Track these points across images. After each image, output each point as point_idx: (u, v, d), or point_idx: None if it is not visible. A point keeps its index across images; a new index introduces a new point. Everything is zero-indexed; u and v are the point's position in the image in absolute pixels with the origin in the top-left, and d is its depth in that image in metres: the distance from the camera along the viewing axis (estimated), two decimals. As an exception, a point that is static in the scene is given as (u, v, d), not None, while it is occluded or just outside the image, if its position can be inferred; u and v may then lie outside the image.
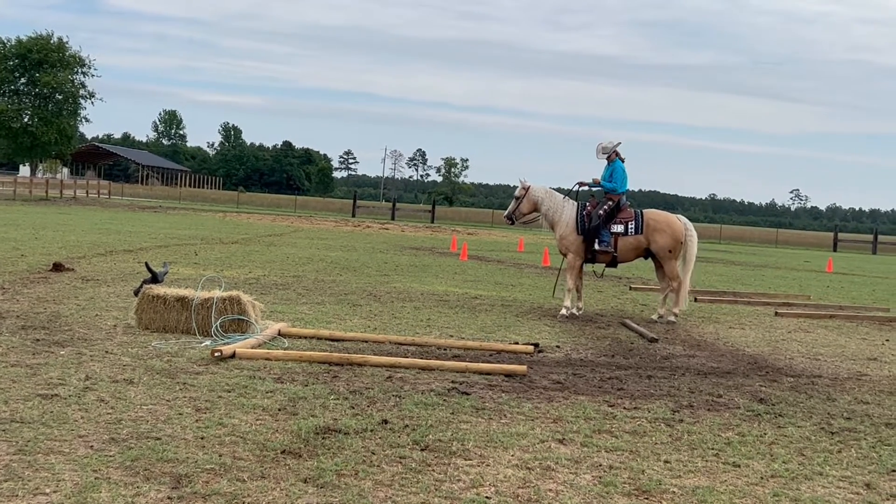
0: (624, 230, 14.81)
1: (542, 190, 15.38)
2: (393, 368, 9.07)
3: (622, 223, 14.82)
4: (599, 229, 14.71)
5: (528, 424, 7.19)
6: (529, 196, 15.26)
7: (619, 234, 14.81)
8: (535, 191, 15.29)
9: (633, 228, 14.81)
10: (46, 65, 77.07)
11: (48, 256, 18.06)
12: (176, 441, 6.08)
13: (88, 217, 38.54)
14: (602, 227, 14.73)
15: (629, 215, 14.89)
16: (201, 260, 20.28)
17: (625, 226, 14.81)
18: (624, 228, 14.81)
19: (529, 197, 15.26)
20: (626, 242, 14.84)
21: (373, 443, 6.37)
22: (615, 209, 14.85)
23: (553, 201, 15.18)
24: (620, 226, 14.82)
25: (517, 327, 12.92)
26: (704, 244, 65.35)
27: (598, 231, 14.72)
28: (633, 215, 14.91)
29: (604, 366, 10.20)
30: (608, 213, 14.79)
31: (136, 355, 8.89)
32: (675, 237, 14.88)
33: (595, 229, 14.71)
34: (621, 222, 14.83)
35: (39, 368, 7.99)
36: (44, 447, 5.78)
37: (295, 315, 12.42)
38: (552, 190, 15.56)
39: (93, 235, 26.19)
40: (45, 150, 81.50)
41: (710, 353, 11.78)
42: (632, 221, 14.84)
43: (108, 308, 11.89)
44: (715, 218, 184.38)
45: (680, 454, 6.64)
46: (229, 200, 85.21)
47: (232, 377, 8.15)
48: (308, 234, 37.05)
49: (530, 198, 15.27)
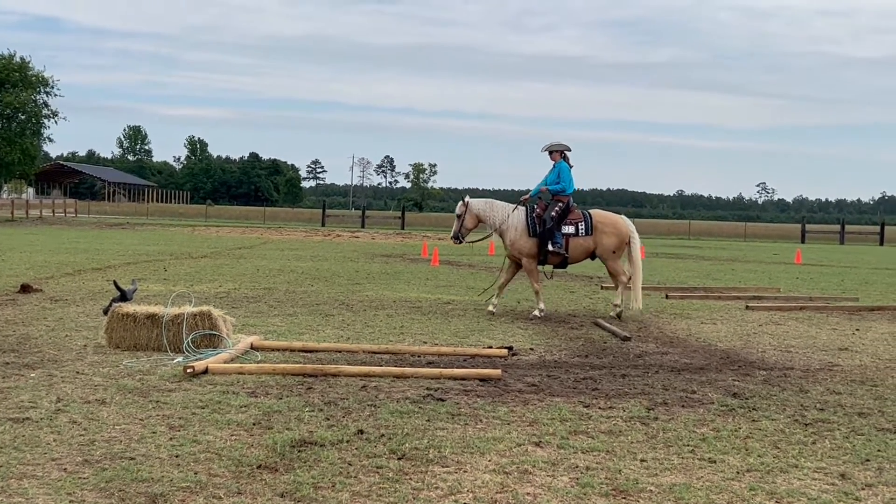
0: (575, 231, 14.98)
1: (483, 202, 15.58)
2: (367, 378, 9.04)
3: (573, 224, 15.00)
4: (553, 231, 14.82)
5: (505, 428, 7.20)
6: (471, 211, 15.39)
7: (570, 235, 14.97)
8: (475, 204, 15.47)
9: (583, 229, 14.99)
10: (8, 85, 76.39)
11: (15, 278, 17.89)
12: (150, 460, 6.03)
13: (55, 237, 38.23)
14: (555, 229, 14.85)
15: (578, 216, 15.08)
16: (171, 276, 20.16)
17: (575, 227, 14.99)
18: (575, 229, 14.98)
19: (471, 212, 15.39)
20: (577, 243, 15.01)
21: (349, 454, 6.35)
22: (566, 210, 14.99)
23: (495, 210, 15.35)
24: (571, 227, 14.99)
25: (491, 331, 12.93)
26: (673, 240, 65.73)
27: (551, 233, 14.82)
28: (581, 216, 15.09)
29: (578, 366, 10.23)
30: (560, 214, 14.93)
31: (107, 375, 8.82)
32: (621, 238, 15.13)
33: (549, 231, 14.81)
34: (572, 223, 15.01)
35: (10, 392, 7.91)
36: (16, 472, 5.72)
37: (267, 328, 12.36)
38: (492, 200, 15.79)
39: (60, 255, 25.97)
40: (8, 171, 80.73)
41: (683, 349, 11.84)
42: (582, 222, 15.02)
43: (78, 328, 11.79)
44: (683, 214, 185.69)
45: (656, 452, 6.67)
46: (198, 214, 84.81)
47: (205, 393, 8.10)
48: (278, 245, 36.93)
49: (472, 212, 15.39)
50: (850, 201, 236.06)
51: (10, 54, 77.78)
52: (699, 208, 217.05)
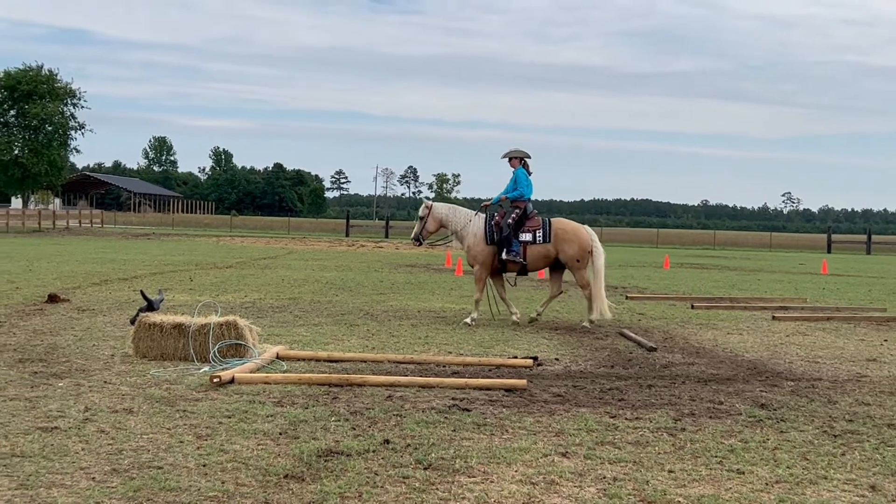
0: (532, 238, 14.94)
1: (446, 207, 15.65)
2: (392, 387, 9.04)
3: (530, 231, 14.97)
4: (510, 238, 14.81)
5: (531, 439, 7.18)
6: (433, 215, 15.44)
7: (527, 242, 14.93)
8: (438, 208, 15.52)
9: (541, 237, 14.94)
10: (36, 96, 77.15)
11: (43, 288, 18.02)
12: (178, 469, 6.05)
13: (82, 247, 38.48)
14: (511, 236, 14.83)
15: (537, 223, 15.03)
16: (196, 286, 20.25)
17: (533, 234, 14.96)
18: (532, 237, 14.95)
19: (433, 215, 15.44)
20: (535, 251, 14.97)
21: (375, 464, 6.35)
22: (523, 217, 14.99)
23: (457, 216, 15.39)
24: (529, 234, 14.95)
25: (515, 341, 12.91)
26: (698, 251, 65.47)
27: (508, 240, 14.81)
28: (540, 223, 15.05)
29: (603, 377, 10.19)
30: (517, 220, 14.92)
31: (134, 384, 8.86)
32: (583, 247, 15.04)
33: (506, 238, 14.80)
34: (529, 230, 14.97)
35: (38, 401, 7.96)
36: (45, 481, 5.75)
37: (292, 337, 12.40)
38: (455, 206, 15.84)
39: (87, 265, 26.14)
40: (35, 182, 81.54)
41: (710, 359, 11.77)
42: (539, 230, 14.98)
43: (105, 338, 11.86)
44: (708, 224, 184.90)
45: (684, 463, 6.63)
46: (222, 225, 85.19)
47: (232, 402, 8.13)
48: (302, 255, 37.02)
49: (434, 216, 15.44)
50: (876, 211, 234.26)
51: (38, 66, 78.63)
52: (724, 218, 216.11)
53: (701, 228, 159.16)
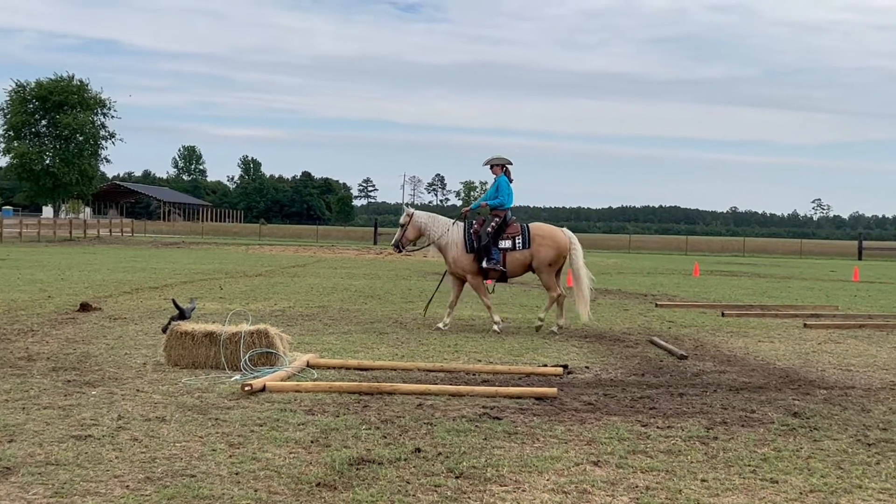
0: (512, 245, 14.95)
1: (426, 215, 15.67)
2: (423, 396, 9.05)
3: (510, 238, 14.99)
4: (489, 246, 14.82)
5: (562, 447, 7.16)
6: (413, 223, 15.48)
7: (507, 249, 14.95)
8: (418, 217, 15.56)
9: (520, 243, 14.95)
10: (67, 106, 77.90)
11: (75, 297, 18.17)
12: (211, 477, 6.08)
13: (113, 256, 38.77)
14: (491, 244, 14.84)
15: (516, 230, 15.05)
16: (226, 294, 20.35)
17: (512, 241, 14.97)
18: (512, 244, 14.96)
19: (413, 224, 15.48)
20: (514, 258, 14.99)
21: (407, 472, 6.35)
22: (503, 225, 15.00)
23: (437, 225, 15.41)
24: (508, 241, 14.98)
25: (545, 349, 12.89)
26: (728, 258, 65.10)
27: (487, 248, 14.82)
28: (519, 230, 15.06)
29: (634, 385, 10.15)
30: (496, 229, 14.94)
31: (167, 392, 8.92)
32: (559, 251, 15.06)
33: (485, 247, 14.81)
34: (509, 238, 14.99)
35: (72, 410, 8.02)
36: (80, 489, 5.79)
37: (322, 345, 12.43)
38: (435, 215, 15.86)
39: (118, 274, 26.33)
40: (66, 191, 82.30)
41: (741, 368, 11.70)
42: (519, 236, 14.99)
43: (137, 346, 11.94)
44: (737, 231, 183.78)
45: (717, 472, 6.59)
46: (251, 233, 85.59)
47: (263, 411, 8.16)
48: (331, 263, 37.12)
49: (414, 224, 15.48)
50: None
51: (69, 76, 79.38)
52: (753, 225, 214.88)
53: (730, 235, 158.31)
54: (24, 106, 77.82)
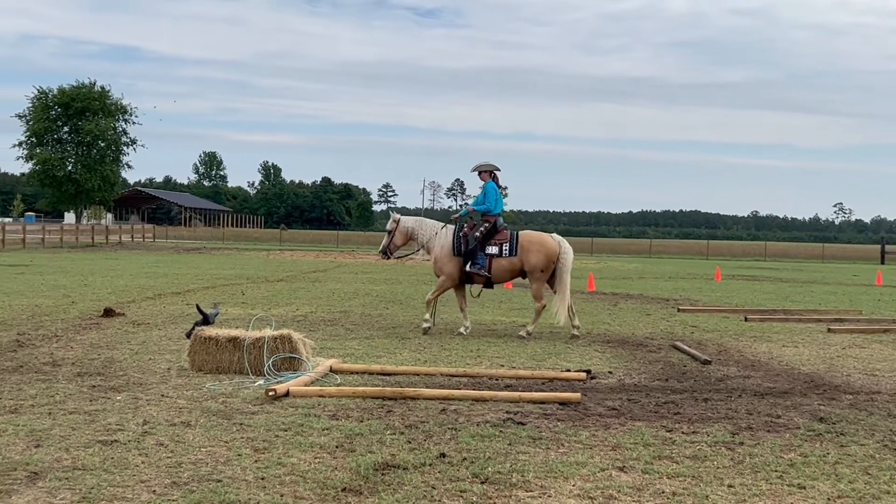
0: (498, 251, 14.93)
1: (413, 220, 15.73)
2: (446, 401, 9.04)
3: (497, 245, 14.97)
4: (475, 251, 14.79)
5: (587, 453, 7.14)
6: (401, 228, 15.53)
7: (493, 255, 14.93)
8: (405, 222, 15.61)
9: (507, 250, 14.93)
10: (89, 113, 78.26)
11: (98, 302, 18.26)
12: (237, 482, 6.10)
13: (135, 261, 38.96)
14: (478, 249, 14.82)
15: (504, 237, 15.04)
16: (248, 299, 20.41)
17: (499, 247, 14.95)
18: (499, 250, 14.94)
19: (401, 229, 15.53)
20: (500, 264, 14.96)
21: (432, 477, 6.34)
22: (492, 231, 14.99)
23: (424, 228, 15.47)
24: (495, 247, 14.95)
25: (567, 354, 12.86)
26: (749, 262, 64.84)
27: (473, 253, 14.80)
28: (508, 237, 15.05)
29: (658, 390, 10.11)
30: (484, 234, 14.94)
31: (191, 397, 8.94)
32: (549, 257, 15.00)
33: (471, 251, 14.80)
34: (496, 244, 14.97)
35: (97, 415, 8.06)
36: (107, 494, 5.81)
37: (345, 351, 12.45)
38: (423, 219, 15.91)
39: (140, 279, 26.45)
40: (88, 197, 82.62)
41: (766, 373, 11.64)
42: (506, 243, 14.98)
43: (161, 351, 11.99)
44: (758, 235, 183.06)
45: (743, 478, 6.55)
46: (272, 238, 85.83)
47: (287, 416, 8.17)
48: (352, 268, 37.18)
49: (402, 229, 15.53)
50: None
51: (90, 83, 79.78)
52: (774, 229, 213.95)
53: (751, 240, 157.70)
54: (47, 113, 78.17)
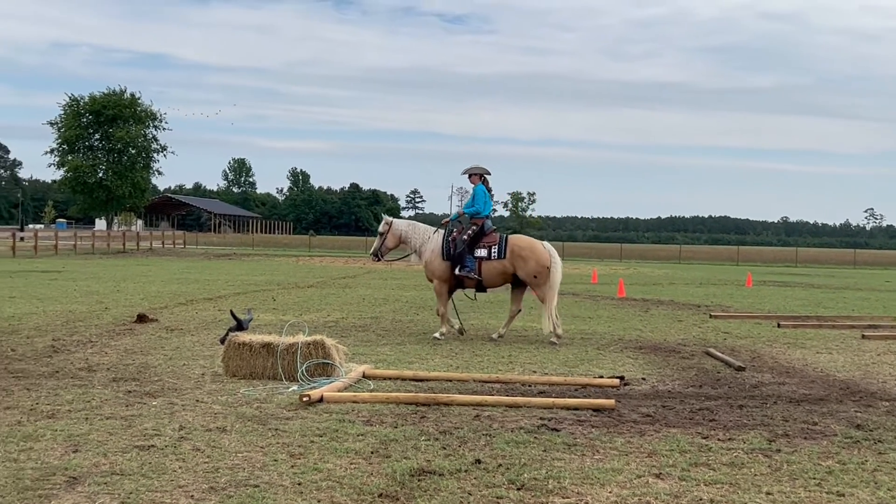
0: (487, 254, 14.91)
1: (405, 223, 15.78)
2: (480, 407, 9.03)
3: (485, 247, 14.95)
4: (463, 254, 14.78)
5: (623, 459, 7.11)
6: (393, 231, 15.55)
7: (482, 258, 14.91)
8: (398, 225, 15.64)
9: (496, 252, 14.89)
10: (120, 120, 78.94)
11: (131, 308, 18.39)
12: (274, 488, 6.11)
13: (166, 267, 39.20)
14: (465, 252, 14.80)
15: (493, 240, 15.03)
16: (279, 305, 20.49)
17: (488, 250, 14.93)
18: (487, 252, 14.91)
19: (393, 232, 15.55)
20: (491, 267, 14.92)
21: (468, 483, 6.34)
22: (479, 233, 14.98)
23: (417, 232, 15.48)
24: (484, 250, 14.95)
25: (600, 360, 12.82)
26: (780, 268, 64.40)
27: (461, 256, 14.79)
28: (496, 239, 15.03)
29: (692, 397, 10.06)
30: (472, 237, 14.93)
31: (226, 403, 8.99)
32: (541, 263, 14.93)
33: (459, 254, 14.79)
34: (485, 246, 14.96)
35: (134, 420, 8.11)
36: (146, 498, 5.85)
37: (377, 356, 12.47)
38: (415, 222, 15.95)
39: (172, 285, 26.61)
40: (119, 204, 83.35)
41: (800, 379, 11.56)
42: (495, 246, 14.95)
43: (195, 357, 12.05)
44: (788, 241, 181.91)
45: (781, 485, 6.50)
46: (301, 244, 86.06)
47: (322, 421, 8.19)
48: (381, 274, 37.22)
49: (394, 232, 15.55)
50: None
51: (121, 90, 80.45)
52: (805, 235, 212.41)
53: (781, 245, 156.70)
54: (78, 120, 78.95)
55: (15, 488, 5.97)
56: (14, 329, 14.61)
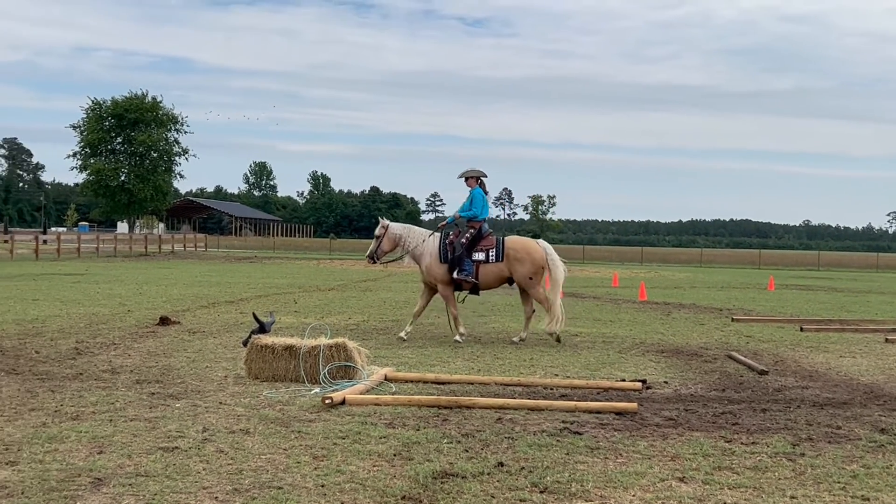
0: (485, 258, 14.97)
1: (401, 227, 15.79)
2: (502, 410, 9.03)
3: (483, 251, 15.02)
4: (462, 258, 14.78)
5: (646, 463, 7.09)
6: (389, 234, 15.58)
7: (480, 261, 14.96)
8: (394, 228, 15.66)
9: (493, 256, 14.96)
10: (142, 124, 79.38)
11: (154, 311, 18.48)
12: (297, 490, 6.13)
13: (187, 270, 39.37)
14: (464, 256, 14.82)
15: (490, 243, 15.07)
16: (301, 308, 20.54)
17: (486, 253, 14.99)
18: (485, 256, 14.98)
19: (389, 235, 15.58)
20: (488, 270, 14.99)
21: (491, 486, 6.34)
22: (477, 237, 15.02)
23: (412, 236, 15.51)
24: (482, 253, 15.01)
25: (621, 364, 12.79)
26: (802, 272, 64.10)
27: (460, 260, 14.80)
28: (494, 243, 15.08)
29: (715, 400, 10.02)
30: (470, 241, 14.97)
31: (249, 405, 9.02)
32: (536, 264, 14.98)
33: (458, 258, 14.78)
34: (482, 250, 15.02)
35: (158, 422, 8.15)
36: (170, 500, 5.87)
37: (399, 359, 12.48)
38: (411, 226, 15.98)
39: (194, 288, 26.73)
40: (141, 207, 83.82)
41: (824, 383, 11.49)
42: (492, 249, 15.02)
43: (217, 359, 12.10)
44: (810, 244, 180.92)
45: (805, 489, 6.47)
46: (321, 248, 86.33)
47: (344, 424, 8.21)
48: (402, 277, 37.26)
49: (390, 236, 15.58)
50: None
51: (142, 94, 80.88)
52: (826, 238, 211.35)
53: (804, 249, 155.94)
54: (101, 123, 79.48)
55: (40, 489, 6.01)
56: (38, 331, 14.71)
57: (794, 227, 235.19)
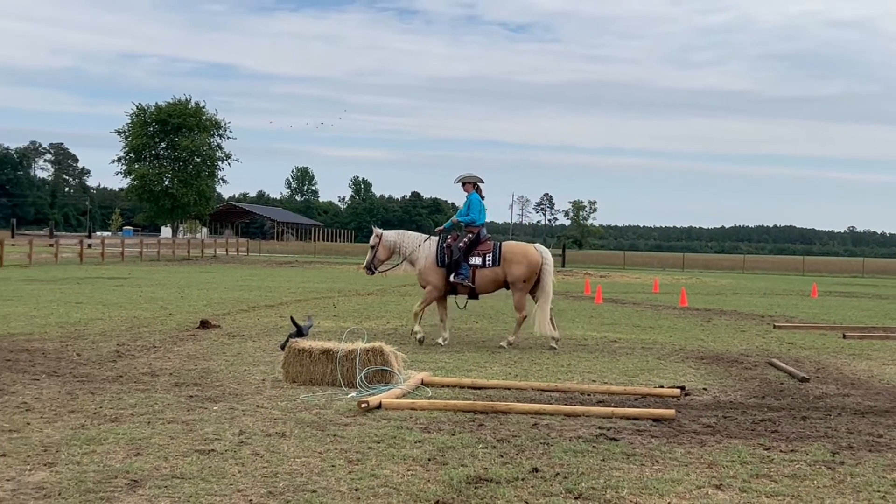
0: (482, 262, 14.95)
1: (395, 234, 15.79)
2: (538, 415, 9.00)
3: (480, 255, 15.00)
4: (459, 262, 14.76)
5: (683, 470, 7.03)
6: (383, 243, 15.57)
7: (477, 266, 14.93)
8: (388, 236, 15.64)
9: (490, 260, 14.93)
10: (185, 129, 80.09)
11: (195, 314, 18.62)
12: (332, 493, 6.14)
13: (229, 274, 39.64)
14: (462, 260, 14.79)
15: (488, 248, 15.05)
16: (340, 312, 20.60)
17: (483, 258, 14.96)
18: (482, 260, 14.97)
19: (384, 244, 15.57)
20: (484, 275, 14.99)
21: (525, 492, 6.31)
22: (475, 242, 14.99)
23: (408, 241, 15.52)
24: (479, 258, 14.99)
25: (660, 370, 12.70)
26: (847, 279, 63.32)
27: (457, 263, 14.78)
28: (491, 247, 15.05)
29: (755, 407, 9.91)
30: (468, 245, 14.93)
31: (285, 409, 9.05)
32: (531, 267, 14.97)
33: (455, 262, 14.76)
34: (479, 255, 15.01)
35: (195, 424, 8.20)
36: (205, 502, 5.91)
37: (435, 364, 12.48)
38: (405, 231, 15.99)
39: (235, 292, 26.90)
40: (184, 212, 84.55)
41: (866, 391, 11.34)
42: (490, 254, 15.00)
43: (256, 363, 12.16)
44: (855, 251, 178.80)
45: (844, 498, 6.38)
46: (362, 252, 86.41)
47: (380, 428, 8.21)
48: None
49: (385, 244, 15.57)
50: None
51: (186, 99, 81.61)
52: (872, 245, 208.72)
53: (848, 255, 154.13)
54: (145, 129, 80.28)
55: (77, 490, 6.07)
56: (80, 334, 14.87)
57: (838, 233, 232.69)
